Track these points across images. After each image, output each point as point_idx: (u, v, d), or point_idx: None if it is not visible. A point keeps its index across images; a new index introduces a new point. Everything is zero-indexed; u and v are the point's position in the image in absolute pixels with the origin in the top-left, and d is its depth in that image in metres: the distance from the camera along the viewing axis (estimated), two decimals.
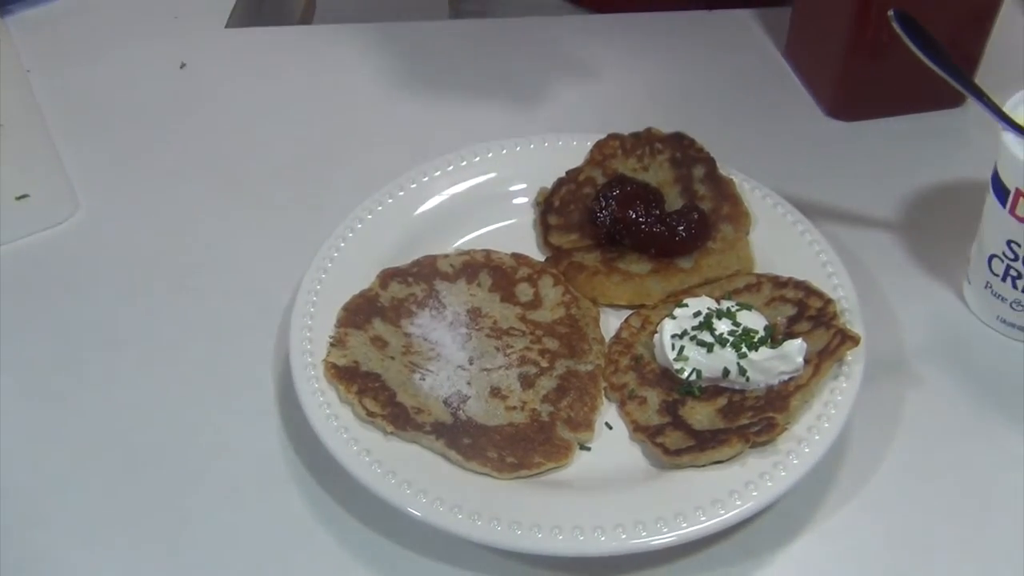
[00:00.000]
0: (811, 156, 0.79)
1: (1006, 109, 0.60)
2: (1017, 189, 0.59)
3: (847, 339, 0.57)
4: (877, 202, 0.74)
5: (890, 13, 0.60)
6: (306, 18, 1.19)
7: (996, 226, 0.61)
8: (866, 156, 0.78)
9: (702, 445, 0.54)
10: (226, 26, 0.96)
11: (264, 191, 0.78)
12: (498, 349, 0.62)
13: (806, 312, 0.61)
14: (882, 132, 0.80)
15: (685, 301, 0.62)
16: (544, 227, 0.70)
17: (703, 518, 0.51)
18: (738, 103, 0.84)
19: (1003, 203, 0.60)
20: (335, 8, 1.16)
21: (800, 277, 0.63)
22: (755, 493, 0.52)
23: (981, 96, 0.60)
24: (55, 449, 0.60)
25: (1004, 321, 0.64)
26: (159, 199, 0.78)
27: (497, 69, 0.89)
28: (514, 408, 0.58)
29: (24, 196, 0.75)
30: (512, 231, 0.71)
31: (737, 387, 0.58)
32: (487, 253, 0.67)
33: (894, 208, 0.74)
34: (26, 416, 0.62)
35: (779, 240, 0.67)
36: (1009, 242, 0.61)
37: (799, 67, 0.86)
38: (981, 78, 0.78)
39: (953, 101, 0.81)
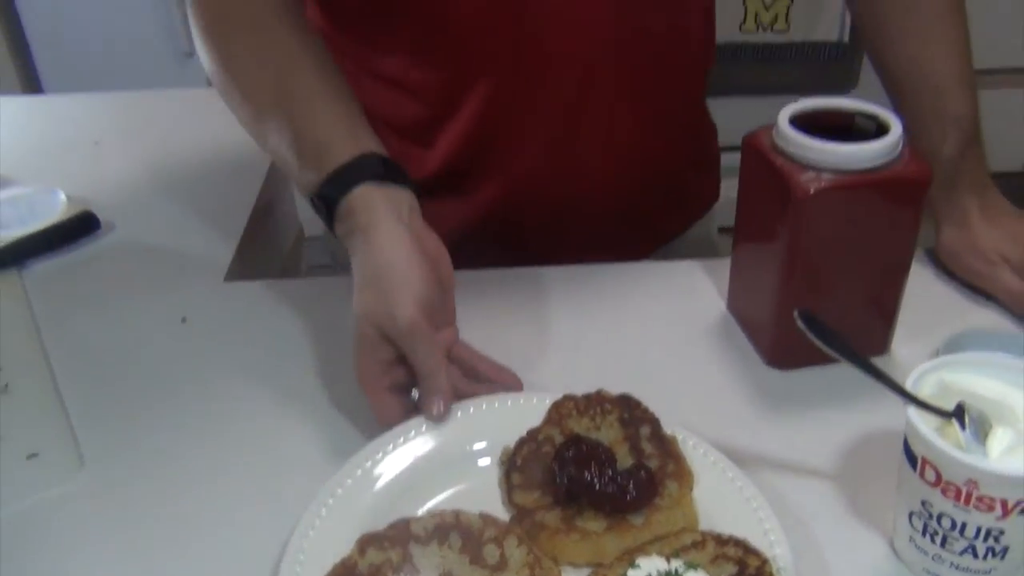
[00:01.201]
0: (752, 405, 0.86)
1: (907, 385, 0.68)
2: (923, 457, 0.66)
3: None
4: (812, 449, 0.81)
5: (795, 313, 0.69)
6: (290, 266, 1.29)
7: (910, 486, 0.68)
8: (802, 404, 0.86)
9: None
10: (224, 279, 1.06)
11: (260, 447, 0.83)
12: None
13: (746, 571, 0.67)
14: (817, 379, 0.87)
15: (637, 562, 0.67)
16: (508, 486, 0.76)
17: None
18: (685, 353, 0.92)
19: (913, 467, 0.67)
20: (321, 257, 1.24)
21: (740, 533, 0.69)
22: None
23: (882, 377, 0.68)
24: None
25: (930, 573, 0.70)
26: (158, 455, 0.83)
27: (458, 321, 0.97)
28: None
29: (34, 455, 0.78)
30: (481, 489, 0.77)
31: None
32: (456, 514, 0.73)
33: (828, 455, 0.80)
34: None
35: (720, 496, 0.73)
36: (923, 502, 0.68)
37: (739, 318, 0.95)
38: (900, 336, 0.89)
39: (880, 349, 0.90)
